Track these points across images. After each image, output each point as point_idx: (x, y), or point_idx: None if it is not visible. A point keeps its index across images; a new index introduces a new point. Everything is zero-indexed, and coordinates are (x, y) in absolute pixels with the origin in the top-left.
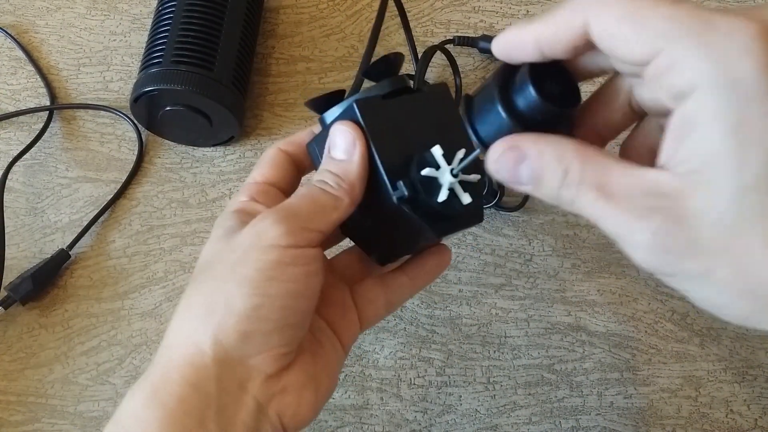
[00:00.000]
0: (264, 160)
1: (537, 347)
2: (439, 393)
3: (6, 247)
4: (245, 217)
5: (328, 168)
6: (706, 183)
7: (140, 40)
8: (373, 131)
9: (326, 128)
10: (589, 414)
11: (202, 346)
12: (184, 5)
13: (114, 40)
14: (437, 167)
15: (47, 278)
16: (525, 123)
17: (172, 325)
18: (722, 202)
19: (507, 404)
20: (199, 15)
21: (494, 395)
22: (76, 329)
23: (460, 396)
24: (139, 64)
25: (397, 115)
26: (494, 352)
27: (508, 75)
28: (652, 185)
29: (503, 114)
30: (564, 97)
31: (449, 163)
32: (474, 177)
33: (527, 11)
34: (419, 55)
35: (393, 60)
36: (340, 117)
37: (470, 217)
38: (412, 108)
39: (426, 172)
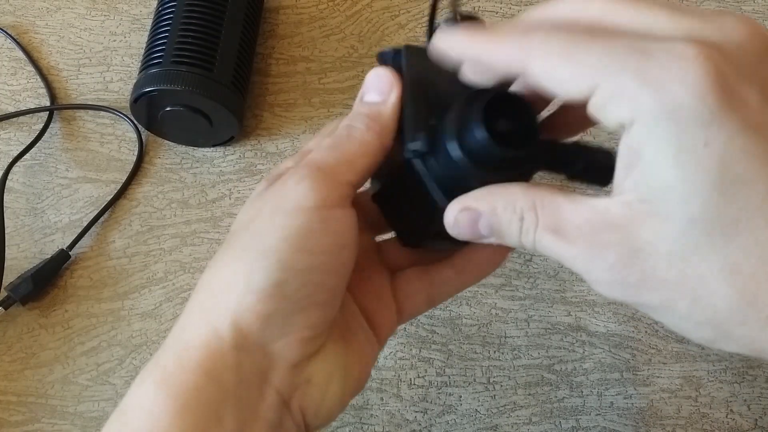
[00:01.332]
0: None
1: (537, 347)
2: (439, 393)
3: (6, 248)
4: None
5: (358, 110)
6: (655, 213)
7: (140, 40)
8: (412, 77)
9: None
10: (589, 414)
11: (219, 330)
12: (184, 6)
13: (114, 41)
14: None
15: (47, 278)
16: (482, 162)
17: (189, 303)
18: (672, 234)
19: (507, 404)
20: (199, 15)
21: (494, 395)
22: (76, 329)
23: (460, 396)
24: (139, 64)
25: (449, 74)
26: (494, 352)
27: (464, 114)
28: (601, 216)
29: (463, 157)
30: (522, 130)
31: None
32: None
33: None
34: None
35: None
36: (385, 63)
37: None
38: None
39: None
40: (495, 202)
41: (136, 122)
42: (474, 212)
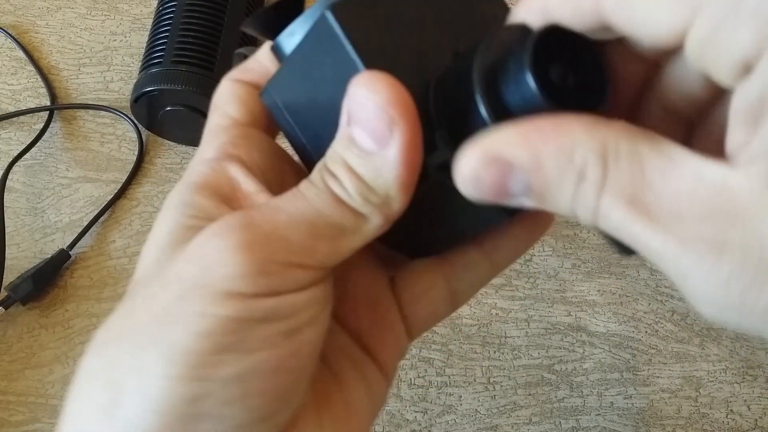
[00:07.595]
0: (224, 98)
1: (537, 347)
2: (439, 393)
3: (6, 247)
4: (214, 203)
5: (350, 162)
6: None
7: (141, 40)
8: (373, 55)
9: (289, 65)
10: (589, 414)
11: None
12: (185, 5)
13: (114, 41)
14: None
15: (47, 278)
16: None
17: (66, 410)
18: None
19: (507, 404)
20: (199, 15)
21: (494, 395)
22: (77, 329)
23: (460, 396)
24: (140, 64)
25: (410, 18)
26: (494, 352)
27: (503, 50)
28: (714, 193)
29: (486, 116)
30: (588, 82)
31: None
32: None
33: None
34: None
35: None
36: (308, 44)
37: None
38: (431, 7)
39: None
40: (541, 148)
41: (136, 122)
42: (505, 165)
